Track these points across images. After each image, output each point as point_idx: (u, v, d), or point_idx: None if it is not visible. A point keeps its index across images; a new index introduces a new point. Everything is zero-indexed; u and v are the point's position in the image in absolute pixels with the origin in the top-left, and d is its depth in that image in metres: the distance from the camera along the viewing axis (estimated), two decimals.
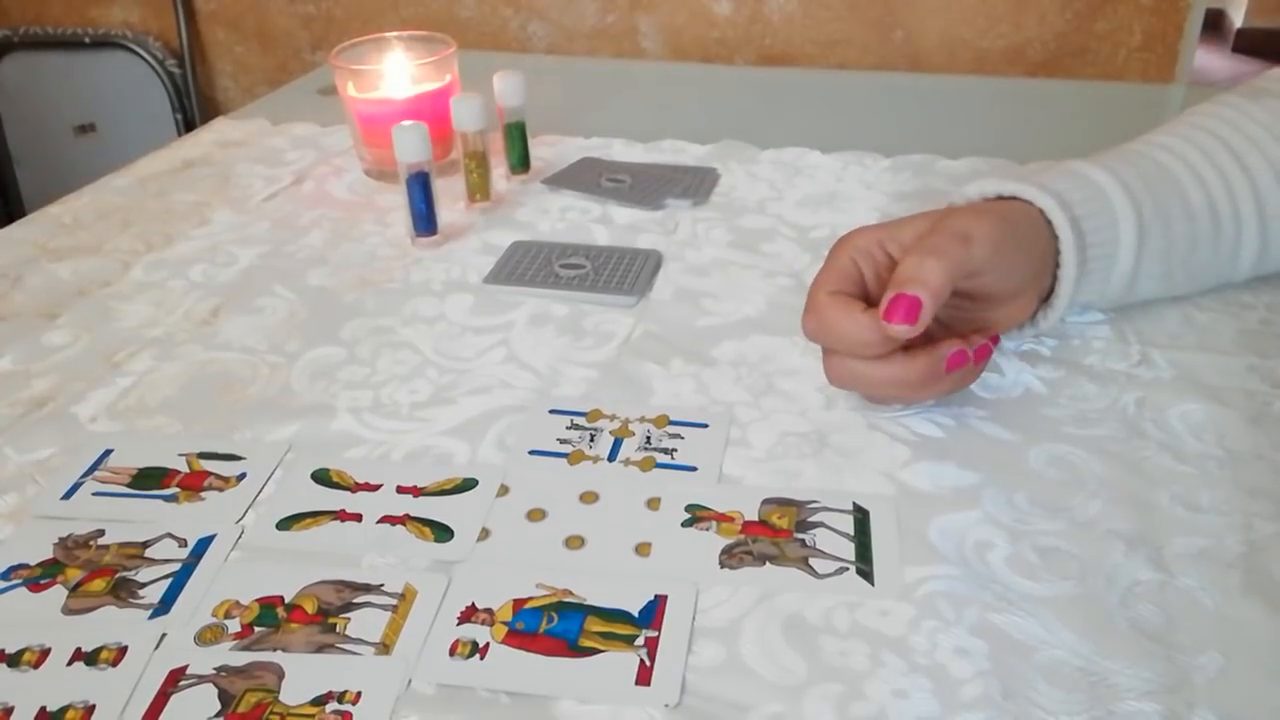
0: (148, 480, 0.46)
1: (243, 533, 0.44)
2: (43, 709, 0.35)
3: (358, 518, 0.44)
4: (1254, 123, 0.55)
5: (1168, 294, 0.56)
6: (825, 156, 0.79)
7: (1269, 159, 0.54)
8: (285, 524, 0.44)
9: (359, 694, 0.36)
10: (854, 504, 0.44)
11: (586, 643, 0.38)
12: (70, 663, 0.37)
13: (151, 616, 0.39)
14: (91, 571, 0.41)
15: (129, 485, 0.46)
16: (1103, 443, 0.47)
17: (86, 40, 1.46)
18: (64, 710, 0.35)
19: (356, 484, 0.46)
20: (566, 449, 0.48)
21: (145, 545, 0.43)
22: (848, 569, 0.41)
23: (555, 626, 0.38)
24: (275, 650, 0.38)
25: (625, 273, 0.62)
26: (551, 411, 0.51)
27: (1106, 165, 0.53)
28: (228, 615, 0.39)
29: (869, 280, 0.49)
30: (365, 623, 0.39)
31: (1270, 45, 3.07)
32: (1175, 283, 0.55)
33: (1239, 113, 0.56)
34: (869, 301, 0.47)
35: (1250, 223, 0.54)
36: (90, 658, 0.37)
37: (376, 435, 0.49)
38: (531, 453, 0.48)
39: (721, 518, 0.44)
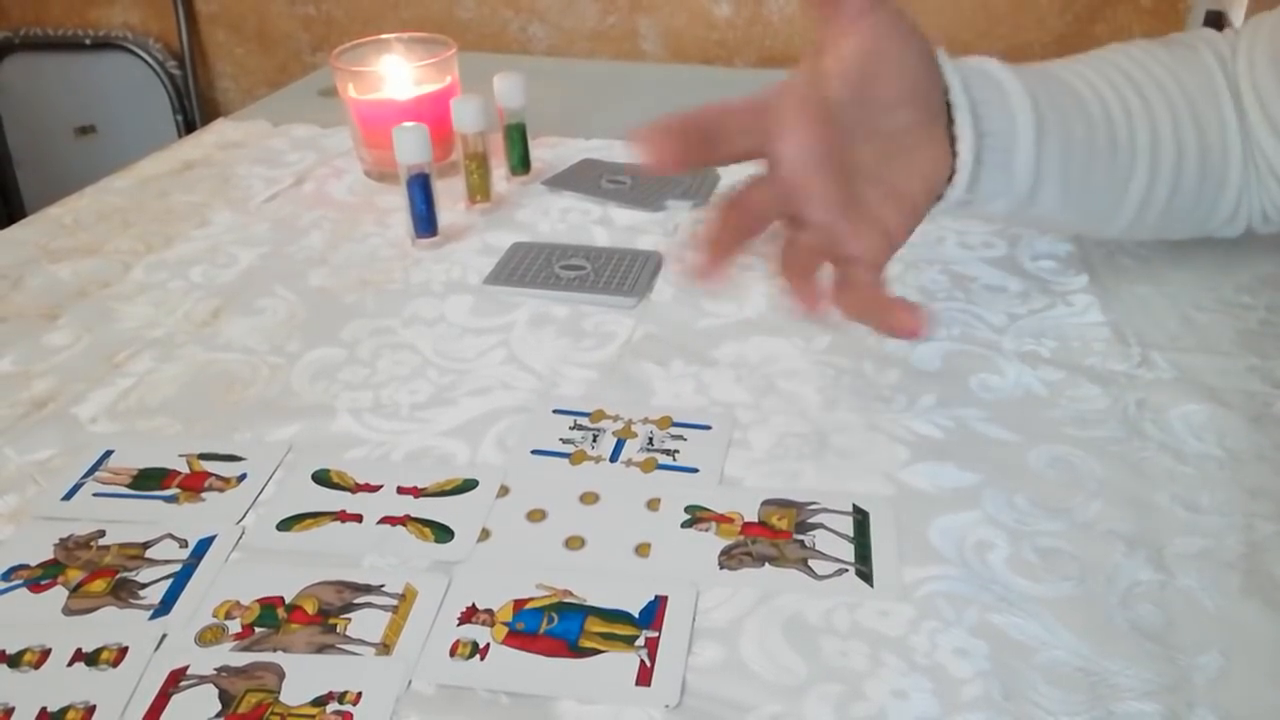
0: (148, 481, 0.46)
1: (243, 533, 0.44)
2: (43, 709, 0.35)
3: (358, 518, 0.44)
4: (1158, 64, 0.54)
5: (1064, 219, 0.54)
6: None
7: (1168, 98, 0.52)
8: (286, 524, 0.44)
9: (359, 694, 0.36)
10: (854, 505, 0.44)
11: (587, 643, 0.38)
12: (71, 663, 0.37)
13: (152, 617, 0.39)
14: (92, 572, 0.41)
15: (129, 486, 0.46)
16: (1103, 443, 0.47)
17: (87, 42, 1.46)
18: (65, 711, 0.35)
19: (357, 485, 0.46)
20: (569, 449, 0.48)
21: (146, 546, 0.43)
22: (847, 570, 0.41)
23: (555, 627, 0.38)
24: (276, 651, 0.38)
25: (625, 274, 0.62)
26: (555, 411, 0.51)
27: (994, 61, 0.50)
28: (228, 616, 0.39)
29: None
30: (366, 623, 0.39)
31: None
32: (1072, 201, 0.52)
33: (1146, 53, 0.54)
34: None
35: (1143, 155, 0.52)
36: (91, 658, 0.37)
37: (377, 436, 0.49)
38: (534, 452, 0.48)
39: (721, 519, 0.44)
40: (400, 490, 0.46)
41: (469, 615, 0.39)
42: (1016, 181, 0.49)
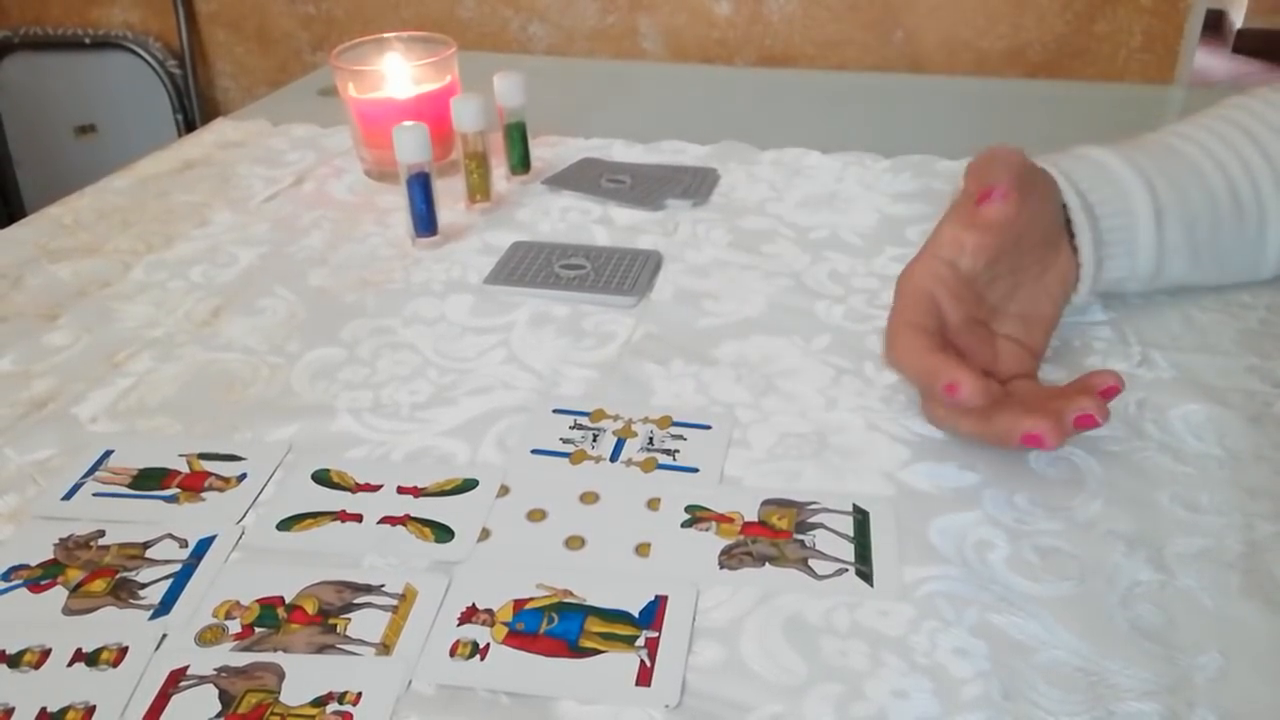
0: (148, 481, 0.46)
1: (243, 533, 0.44)
2: (43, 710, 0.35)
3: (358, 518, 0.44)
4: (1276, 110, 0.54)
5: (1200, 279, 0.56)
6: (825, 157, 0.79)
7: None
8: (286, 524, 0.44)
9: (359, 695, 0.36)
10: (854, 505, 0.44)
11: (587, 643, 0.38)
12: (71, 663, 0.37)
13: (152, 617, 0.39)
14: (92, 572, 0.41)
15: (129, 486, 0.46)
16: (1103, 443, 0.47)
17: (87, 41, 1.46)
18: (64, 711, 0.35)
19: (357, 484, 0.46)
20: (569, 449, 0.48)
21: (146, 546, 0.43)
22: (847, 570, 0.41)
23: (555, 627, 0.38)
24: (276, 651, 0.38)
25: (625, 273, 0.62)
26: (555, 411, 0.51)
27: (1108, 146, 0.54)
28: (228, 616, 0.39)
29: (945, 306, 0.47)
30: (366, 623, 0.39)
31: (1270, 46, 3.07)
32: (1204, 266, 0.55)
33: (1264, 103, 0.55)
34: (949, 333, 0.46)
35: (1273, 206, 0.53)
36: (91, 658, 0.37)
37: (377, 436, 0.49)
38: (534, 452, 0.48)
39: (721, 518, 0.44)
40: (400, 490, 0.46)
41: (469, 615, 0.39)
42: (1140, 265, 0.53)
